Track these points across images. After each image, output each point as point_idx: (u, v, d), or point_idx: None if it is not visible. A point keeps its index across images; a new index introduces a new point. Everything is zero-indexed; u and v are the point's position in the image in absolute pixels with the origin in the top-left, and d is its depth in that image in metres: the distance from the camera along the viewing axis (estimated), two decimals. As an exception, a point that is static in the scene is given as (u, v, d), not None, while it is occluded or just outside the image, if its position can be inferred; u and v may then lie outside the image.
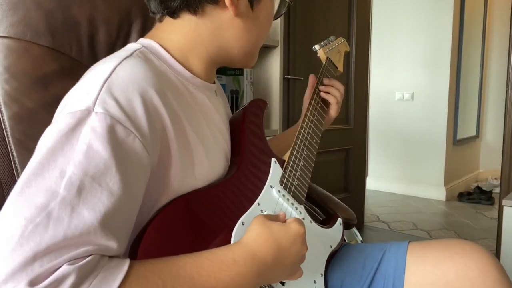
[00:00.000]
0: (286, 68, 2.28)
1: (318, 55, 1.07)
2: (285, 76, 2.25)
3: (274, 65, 1.90)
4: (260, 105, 0.89)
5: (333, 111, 1.01)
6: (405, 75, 3.92)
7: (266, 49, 1.89)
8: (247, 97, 1.83)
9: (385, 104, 4.05)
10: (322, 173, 2.59)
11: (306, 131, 0.91)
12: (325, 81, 1.01)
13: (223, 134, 0.77)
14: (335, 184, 2.75)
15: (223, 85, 1.79)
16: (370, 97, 3.99)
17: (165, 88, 0.62)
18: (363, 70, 2.88)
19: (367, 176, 4.14)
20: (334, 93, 1.00)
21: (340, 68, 1.10)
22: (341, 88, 1.01)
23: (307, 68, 2.39)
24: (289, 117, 2.32)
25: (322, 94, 0.99)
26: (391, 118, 4.04)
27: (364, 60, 2.87)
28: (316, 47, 1.06)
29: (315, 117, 0.95)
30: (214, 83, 0.78)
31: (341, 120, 2.76)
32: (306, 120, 0.92)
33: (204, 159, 0.67)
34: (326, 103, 1.00)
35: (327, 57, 1.05)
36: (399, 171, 4.04)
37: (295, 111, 2.35)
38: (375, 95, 4.09)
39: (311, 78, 1.02)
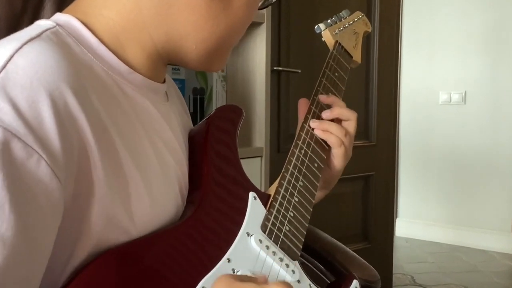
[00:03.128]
0: (276, 55, 2.29)
1: (323, 38, 1.09)
2: (274, 68, 2.27)
3: (258, 51, 1.91)
4: (235, 111, 0.90)
5: (337, 159, 0.97)
6: (452, 66, 3.98)
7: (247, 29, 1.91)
8: (218, 99, 1.84)
9: (423, 110, 4.11)
10: (329, 212, 2.59)
11: (303, 151, 0.92)
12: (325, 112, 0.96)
13: (177, 157, 0.78)
14: (349, 229, 2.76)
15: (181, 82, 1.79)
16: (401, 99, 4.04)
17: (87, 86, 0.62)
18: (391, 60, 2.92)
19: (396, 217, 4.16)
20: (333, 131, 0.95)
21: (357, 57, 1.12)
22: (350, 115, 0.96)
23: (307, 55, 2.42)
24: (280, 128, 2.34)
25: (317, 132, 0.95)
26: (432, 130, 4.09)
27: (392, 45, 2.91)
28: (321, 26, 1.08)
29: None
30: (164, 82, 0.79)
31: (358, 134, 2.76)
32: (303, 135, 0.94)
33: (144, 193, 0.67)
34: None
35: (337, 42, 1.07)
36: (444, 210, 4.07)
37: (289, 118, 2.36)
38: (408, 96, 4.15)
39: (301, 105, 0.98)
